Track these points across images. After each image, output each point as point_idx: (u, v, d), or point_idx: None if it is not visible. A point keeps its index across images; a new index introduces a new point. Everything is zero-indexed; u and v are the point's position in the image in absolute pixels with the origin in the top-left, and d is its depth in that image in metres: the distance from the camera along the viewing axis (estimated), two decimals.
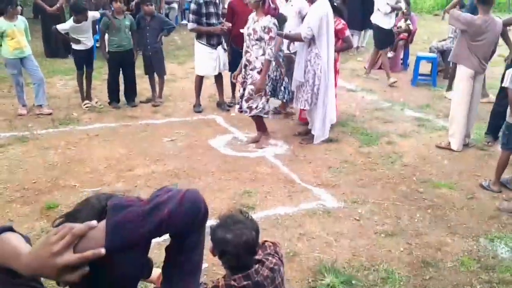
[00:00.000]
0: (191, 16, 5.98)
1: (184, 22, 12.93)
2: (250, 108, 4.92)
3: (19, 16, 5.88)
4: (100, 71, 7.00)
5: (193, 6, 5.92)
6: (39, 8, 9.52)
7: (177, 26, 8.67)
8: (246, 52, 4.87)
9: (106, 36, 6.36)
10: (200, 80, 6.36)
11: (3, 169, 4.43)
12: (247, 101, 4.89)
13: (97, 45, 7.22)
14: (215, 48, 6.10)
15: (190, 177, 4.41)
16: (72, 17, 6.13)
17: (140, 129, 5.65)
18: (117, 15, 6.20)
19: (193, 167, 4.63)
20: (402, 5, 8.18)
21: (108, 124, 5.76)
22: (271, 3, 4.68)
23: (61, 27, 6.12)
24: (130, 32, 6.25)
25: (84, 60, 6.30)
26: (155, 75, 6.58)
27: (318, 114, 5.15)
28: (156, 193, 0.94)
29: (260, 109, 4.94)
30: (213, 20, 5.98)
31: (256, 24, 4.72)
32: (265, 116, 5.10)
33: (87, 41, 6.24)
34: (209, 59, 6.14)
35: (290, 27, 5.94)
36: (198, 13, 5.90)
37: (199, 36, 6.10)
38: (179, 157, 4.86)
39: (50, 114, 5.94)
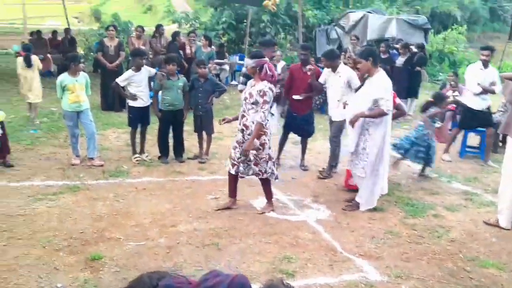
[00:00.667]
0: (241, 78, 6.33)
1: (234, 82, 13.43)
2: (261, 172, 4.94)
3: (81, 72, 6.29)
4: (152, 127, 7.27)
5: (243, 69, 6.26)
6: (99, 63, 10.17)
7: (227, 87, 9.00)
8: (243, 116, 4.88)
9: (160, 93, 6.68)
10: None
11: (53, 217, 4.60)
12: (255, 165, 4.89)
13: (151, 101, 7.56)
14: None
15: (231, 237, 4.42)
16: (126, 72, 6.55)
17: (186, 185, 5.77)
18: (170, 76, 6.52)
19: (235, 227, 4.66)
20: (497, 88, 7.19)
21: (156, 179, 5.92)
22: (268, 70, 4.72)
23: (120, 78, 6.49)
24: (182, 92, 6.54)
25: (140, 118, 6.59)
26: (204, 133, 6.80)
27: (367, 182, 5.13)
28: (205, 276, 0.96)
29: (269, 173, 4.96)
30: None
31: (253, 88, 4.80)
32: (275, 180, 5.10)
33: (143, 96, 6.55)
34: None
35: (336, 97, 6.09)
36: (247, 76, 6.21)
37: None
38: (222, 216, 4.91)
39: (102, 166, 6.19)
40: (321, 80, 6.23)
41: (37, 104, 8.46)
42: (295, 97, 6.32)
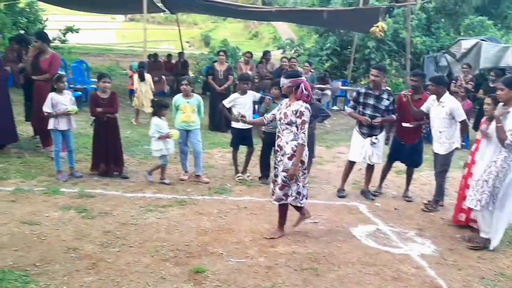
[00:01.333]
0: (351, 102, 6.44)
1: (335, 108, 13.39)
2: (286, 195, 4.79)
3: (195, 95, 6.68)
4: (255, 147, 7.48)
5: (354, 93, 6.38)
6: (209, 86, 10.73)
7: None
8: (278, 137, 4.77)
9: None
10: (349, 165, 6.47)
11: (162, 228, 4.89)
12: (281, 188, 4.74)
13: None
14: (365, 137, 6.21)
15: (330, 263, 4.38)
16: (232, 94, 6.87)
17: None
18: (275, 100, 6.68)
19: (333, 253, 4.61)
20: None
21: (256, 198, 6.06)
22: (304, 90, 4.62)
23: (226, 100, 6.81)
24: None
25: (241, 139, 6.83)
26: None
27: (502, 219, 4.89)
28: None
29: (293, 197, 4.79)
30: (368, 111, 6.13)
31: (288, 108, 4.70)
32: (300, 203, 4.89)
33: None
34: (357, 146, 6.29)
35: (438, 128, 5.84)
36: (356, 100, 6.26)
37: (357, 122, 6.32)
38: (320, 241, 4.88)
39: (207, 183, 6.48)
40: (423, 108, 6.01)
41: (140, 112, 10.06)
42: (405, 124, 6.15)
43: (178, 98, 6.62)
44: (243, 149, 7.01)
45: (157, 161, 6.46)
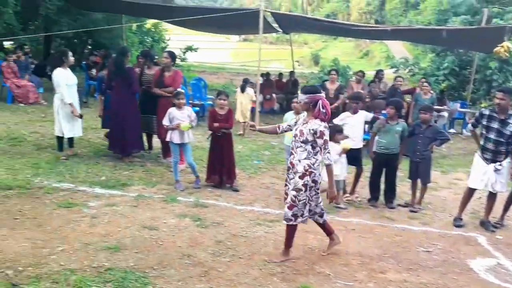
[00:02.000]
0: (472, 120, 6.14)
1: (452, 131, 12.66)
2: (295, 216, 4.49)
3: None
4: (364, 168, 7.32)
5: (476, 114, 6.14)
6: None
7: None
8: (291, 153, 4.55)
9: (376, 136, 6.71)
10: (469, 192, 6.07)
11: (269, 243, 4.96)
12: (290, 208, 4.47)
13: (364, 143, 7.64)
14: (488, 163, 5.79)
15: None
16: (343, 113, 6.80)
17: (395, 233, 5.62)
18: (389, 120, 6.50)
19: (448, 286, 4.33)
20: None
21: (365, 221, 5.92)
22: (321, 108, 4.36)
23: (337, 119, 6.76)
24: (399, 137, 6.44)
25: (349, 159, 6.71)
26: (419, 181, 6.55)
27: None
28: None
29: (305, 218, 4.55)
30: (491, 135, 5.72)
31: (304, 126, 4.43)
32: (317, 220, 4.68)
33: (356, 138, 6.67)
34: (479, 172, 5.89)
35: None
36: (478, 121, 5.96)
37: (479, 147, 5.97)
38: (434, 272, 4.62)
39: None
40: None
41: (246, 125, 10.55)
42: None
43: (289, 115, 6.73)
44: (351, 169, 6.89)
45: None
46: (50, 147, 7.58)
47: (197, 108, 11.19)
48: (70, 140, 7.33)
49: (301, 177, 4.41)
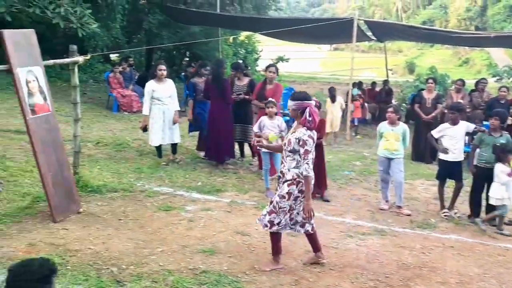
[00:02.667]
0: None
1: None
2: (271, 224, 4.29)
3: (401, 123, 6.54)
4: (464, 182, 6.95)
5: None
6: (413, 114, 10.37)
7: None
8: (281, 162, 4.40)
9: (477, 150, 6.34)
10: None
11: (361, 256, 4.87)
12: (269, 213, 4.27)
13: (464, 156, 7.25)
14: None
15: None
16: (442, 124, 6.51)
17: (498, 252, 5.27)
18: (493, 132, 6.13)
19: None
20: None
21: (465, 238, 5.60)
22: (308, 116, 4.15)
23: (435, 130, 6.51)
24: None
25: (449, 172, 6.42)
26: None
27: None
28: None
29: (282, 226, 4.32)
30: None
31: (293, 135, 4.26)
32: (298, 231, 4.46)
33: (456, 150, 6.35)
34: None
35: None
36: None
37: None
38: None
39: (409, 215, 6.24)
40: None
41: (337, 134, 10.93)
42: None
43: (383, 125, 6.59)
44: (450, 183, 6.57)
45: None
46: (151, 153, 8.06)
47: (288, 118, 11.29)
48: (173, 146, 7.74)
49: (288, 185, 4.27)
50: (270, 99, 6.97)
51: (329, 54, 55.92)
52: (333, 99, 10.97)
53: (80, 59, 5.66)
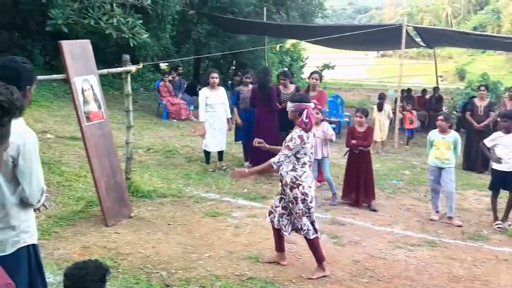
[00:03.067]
0: None
1: None
2: (299, 228, 4.41)
3: (452, 131, 6.37)
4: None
5: None
6: (463, 122, 10.06)
7: None
8: (281, 165, 4.34)
9: None
10: None
11: (411, 267, 4.76)
12: (295, 220, 4.40)
13: None
14: None
15: None
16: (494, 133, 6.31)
17: None
18: None
19: None
20: None
21: None
22: (305, 117, 4.21)
23: (488, 139, 6.31)
24: None
25: (502, 183, 6.18)
26: None
27: None
28: None
29: (305, 231, 4.36)
30: None
31: (289, 136, 4.33)
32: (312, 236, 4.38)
33: (510, 161, 6.11)
34: None
35: None
36: None
37: None
38: None
39: (460, 226, 6.05)
40: None
41: (385, 142, 10.70)
42: None
43: (433, 134, 6.44)
44: (504, 194, 6.33)
45: None
46: (199, 159, 8.22)
47: (334, 125, 11.23)
48: (220, 153, 7.87)
49: (290, 190, 4.33)
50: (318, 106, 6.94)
51: (376, 60, 55.14)
52: (380, 108, 10.75)
53: (133, 68, 5.88)
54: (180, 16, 15.45)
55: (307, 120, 4.24)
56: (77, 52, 5.19)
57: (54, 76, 5.40)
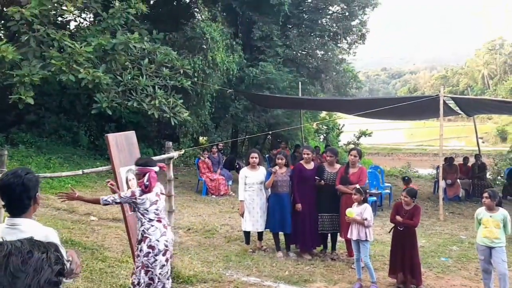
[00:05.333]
0: None
1: None
2: (133, 284, 4.82)
3: (500, 209, 6.11)
4: None
5: None
6: (511, 190, 9.69)
7: None
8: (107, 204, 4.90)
9: None
10: None
11: None
12: (131, 274, 4.94)
13: None
14: None
15: None
16: None
17: None
18: None
19: None
20: None
21: None
22: (146, 180, 4.62)
23: None
24: None
25: None
26: None
27: None
28: None
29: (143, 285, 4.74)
30: None
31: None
32: None
33: None
34: None
35: None
36: None
37: None
38: None
39: None
40: None
41: None
42: None
43: (481, 211, 6.17)
44: None
45: None
46: (239, 239, 8.17)
47: (374, 198, 11.00)
48: (259, 233, 7.80)
49: (139, 243, 4.71)
50: (357, 186, 6.82)
51: (414, 124, 54.76)
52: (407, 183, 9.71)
53: (175, 155, 6.05)
54: (218, 94, 16.03)
55: (147, 183, 4.63)
56: (121, 143, 5.42)
57: (100, 169, 5.61)
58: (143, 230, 4.70)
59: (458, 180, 13.10)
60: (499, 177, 15.43)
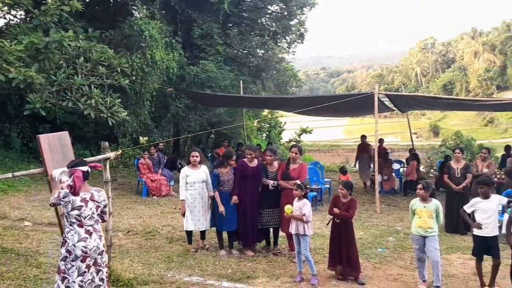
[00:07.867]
0: None
1: None
2: None
3: (433, 200, 6.41)
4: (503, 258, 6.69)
5: None
6: (443, 182, 10.20)
7: None
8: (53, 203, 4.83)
9: None
10: None
11: None
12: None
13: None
14: None
15: None
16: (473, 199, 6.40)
17: None
18: None
19: None
20: None
21: None
22: (70, 180, 4.61)
23: (467, 205, 6.39)
24: None
25: (485, 248, 6.20)
26: None
27: None
28: None
29: None
30: None
31: None
32: None
33: (490, 225, 6.15)
34: None
35: None
36: None
37: None
38: None
39: None
40: None
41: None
42: None
43: (415, 202, 6.45)
44: (488, 258, 6.32)
45: None
46: (181, 239, 8.08)
47: (315, 193, 11.25)
48: (202, 232, 7.75)
49: (61, 246, 4.68)
50: (297, 181, 6.92)
51: (352, 121, 56.39)
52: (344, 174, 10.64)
53: (112, 155, 5.89)
54: (158, 93, 15.77)
55: (72, 184, 4.58)
56: (54, 144, 5.21)
57: (32, 171, 5.36)
58: (64, 234, 4.68)
59: (394, 174, 13.65)
60: (431, 170, 16.17)
